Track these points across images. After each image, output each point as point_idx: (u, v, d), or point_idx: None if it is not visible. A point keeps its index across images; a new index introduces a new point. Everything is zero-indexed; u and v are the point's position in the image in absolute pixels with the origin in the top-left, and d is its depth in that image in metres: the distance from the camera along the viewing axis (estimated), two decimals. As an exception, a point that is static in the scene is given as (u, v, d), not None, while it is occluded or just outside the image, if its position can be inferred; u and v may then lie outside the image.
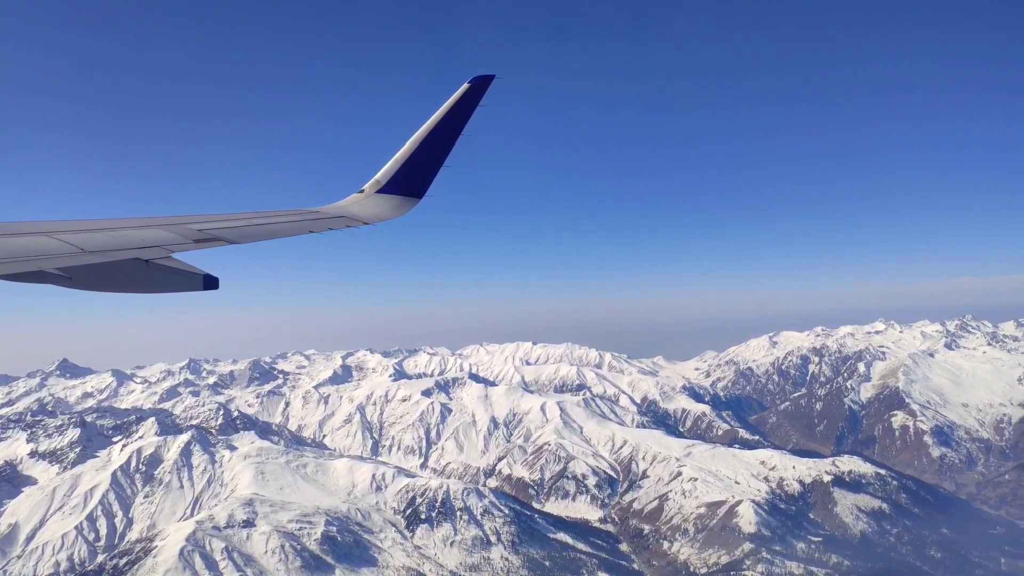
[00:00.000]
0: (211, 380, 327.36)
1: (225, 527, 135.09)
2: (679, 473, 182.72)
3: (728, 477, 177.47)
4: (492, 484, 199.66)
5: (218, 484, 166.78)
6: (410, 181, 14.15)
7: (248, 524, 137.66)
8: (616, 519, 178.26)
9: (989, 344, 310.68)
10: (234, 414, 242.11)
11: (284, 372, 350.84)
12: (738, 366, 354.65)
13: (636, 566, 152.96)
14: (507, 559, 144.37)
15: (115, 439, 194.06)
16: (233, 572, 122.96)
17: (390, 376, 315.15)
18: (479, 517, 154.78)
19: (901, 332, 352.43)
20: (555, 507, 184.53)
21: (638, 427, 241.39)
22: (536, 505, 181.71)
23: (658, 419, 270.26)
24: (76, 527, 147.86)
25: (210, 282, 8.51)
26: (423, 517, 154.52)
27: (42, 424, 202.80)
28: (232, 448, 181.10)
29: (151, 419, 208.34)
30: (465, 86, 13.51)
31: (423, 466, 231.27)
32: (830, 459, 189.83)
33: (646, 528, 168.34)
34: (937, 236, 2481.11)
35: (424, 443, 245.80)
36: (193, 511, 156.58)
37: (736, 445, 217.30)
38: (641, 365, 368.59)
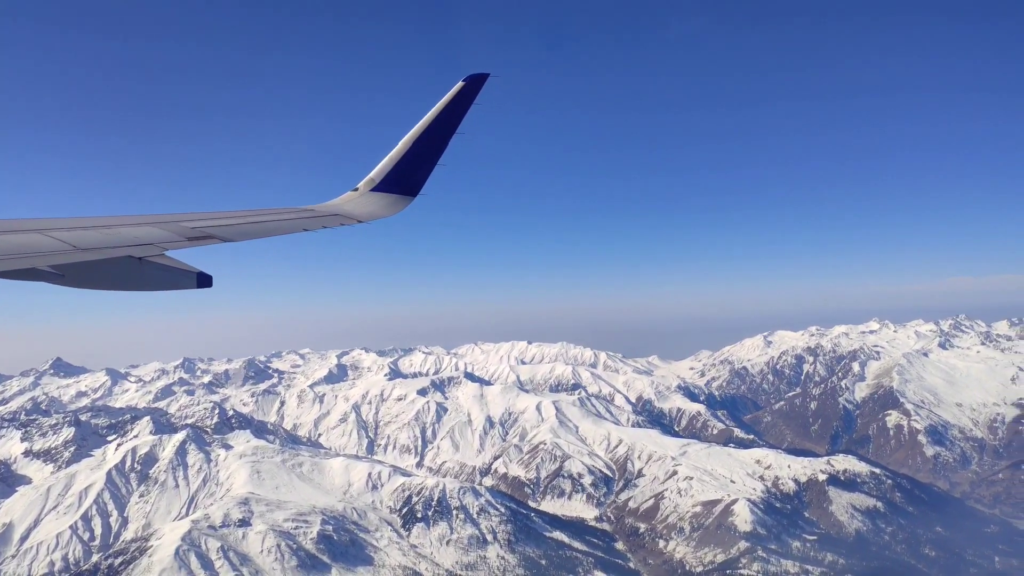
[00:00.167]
0: (206, 379, 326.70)
1: (221, 526, 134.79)
2: (675, 472, 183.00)
3: (724, 476, 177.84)
4: (488, 483, 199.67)
5: (213, 483, 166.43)
6: (404, 179, 14.13)
7: (244, 523, 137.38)
8: (612, 518, 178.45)
9: (983, 344, 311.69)
10: (229, 413, 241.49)
11: (279, 371, 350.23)
12: (733, 365, 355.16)
13: (632, 565, 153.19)
14: (503, 558, 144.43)
15: (110, 438, 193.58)
16: (229, 571, 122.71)
17: (385, 375, 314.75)
18: (475, 516, 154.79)
19: (895, 332, 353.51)
20: (551, 506, 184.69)
21: (633, 426, 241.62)
22: (532, 504, 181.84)
23: (653, 418, 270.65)
24: (71, 527, 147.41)
25: (204, 280, 8.53)
26: (419, 516, 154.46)
27: (36, 423, 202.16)
28: (227, 447, 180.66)
29: (146, 418, 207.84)
30: (459, 84, 13.44)
31: (419, 465, 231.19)
32: (825, 458, 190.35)
33: (642, 527, 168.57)
34: (930, 236, 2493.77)
35: (420, 442, 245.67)
36: (188, 510, 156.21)
37: (731, 444, 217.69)
38: (636, 364, 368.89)
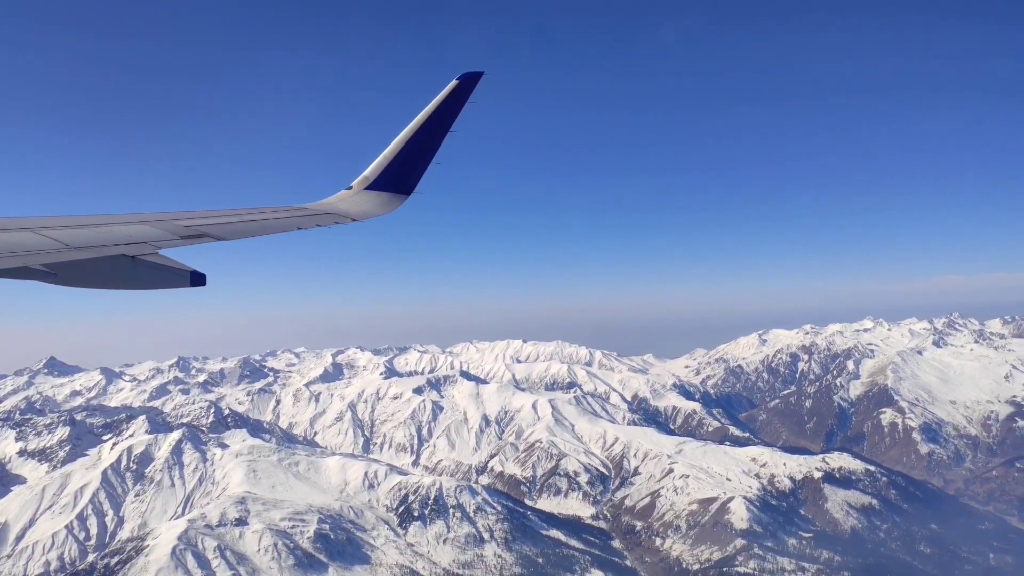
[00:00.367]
0: (201, 378, 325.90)
1: (217, 525, 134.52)
2: (671, 470, 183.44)
3: (719, 474, 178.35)
4: (484, 481, 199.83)
5: (210, 482, 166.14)
6: (398, 178, 14.12)
7: (240, 522, 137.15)
8: (608, 516, 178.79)
9: (976, 342, 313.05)
10: (225, 412, 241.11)
11: (274, 370, 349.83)
12: (728, 364, 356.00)
13: (629, 563, 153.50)
14: (500, 556, 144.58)
15: (105, 437, 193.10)
16: (226, 571, 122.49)
17: (381, 374, 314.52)
18: (472, 514, 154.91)
19: (889, 330, 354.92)
20: (547, 504, 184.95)
21: (629, 424, 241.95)
22: (528, 502, 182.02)
23: (649, 417, 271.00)
24: (66, 526, 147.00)
25: (197, 279, 8.52)
26: (416, 515, 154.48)
27: (31, 422, 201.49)
28: (223, 446, 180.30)
29: (141, 417, 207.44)
30: (453, 83, 13.43)
31: (415, 464, 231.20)
32: (820, 456, 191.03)
33: (638, 525, 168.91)
34: (923, 235, 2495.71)
35: (416, 441, 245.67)
36: (185, 510, 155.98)
37: (727, 442, 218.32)
38: (631, 363, 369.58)
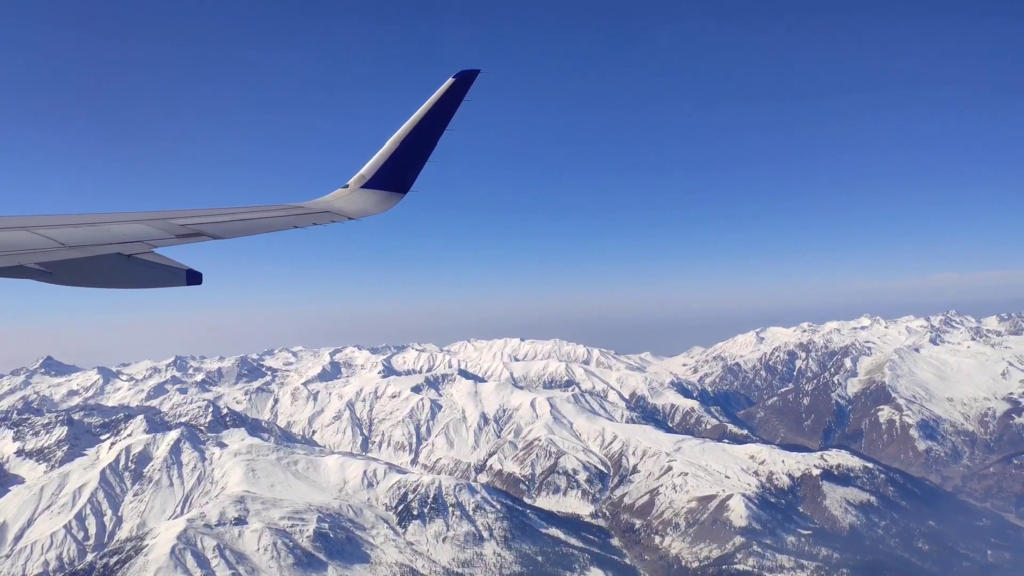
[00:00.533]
0: (198, 377, 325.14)
1: (216, 525, 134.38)
2: (669, 468, 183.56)
3: (718, 471, 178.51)
4: (483, 480, 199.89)
5: (208, 481, 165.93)
6: (395, 176, 14.03)
7: (240, 522, 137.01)
8: (607, 514, 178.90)
9: (973, 339, 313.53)
10: (223, 411, 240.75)
11: (272, 369, 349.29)
12: (725, 362, 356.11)
13: (628, 561, 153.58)
14: (500, 555, 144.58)
15: (103, 437, 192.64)
16: (225, 570, 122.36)
17: (379, 372, 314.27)
18: (471, 513, 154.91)
19: (886, 327, 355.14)
20: (546, 502, 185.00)
21: (627, 422, 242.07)
22: (527, 500, 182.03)
23: (647, 414, 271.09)
24: (65, 526, 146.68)
25: (193, 277, 8.50)
26: (415, 513, 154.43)
27: (28, 422, 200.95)
28: (222, 445, 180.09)
29: (139, 417, 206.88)
30: (450, 81, 13.30)
31: (413, 462, 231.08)
32: (818, 453, 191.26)
33: (637, 523, 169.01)
34: (920, 233, 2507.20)
35: (414, 439, 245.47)
36: (183, 509, 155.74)
37: (725, 440, 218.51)
38: (629, 361, 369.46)
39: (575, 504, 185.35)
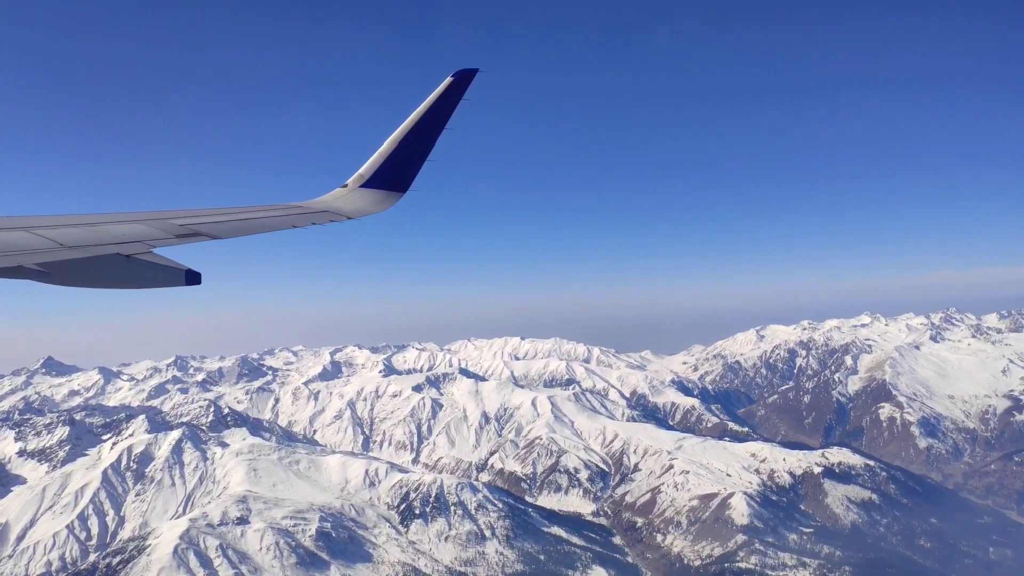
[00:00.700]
0: (199, 377, 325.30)
1: (219, 524, 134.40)
2: (671, 466, 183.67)
3: (720, 470, 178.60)
4: (484, 478, 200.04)
5: (210, 481, 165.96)
6: (393, 175, 14.06)
7: (242, 521, 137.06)
8: (609, 512, 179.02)
9: (973, 336, 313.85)
10: (224, 411, 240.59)
11: (272, 368, 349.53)
12: (726, 360, 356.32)
13: (630, 559, 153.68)
14: (502, 553, 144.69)
15: (105, 437, 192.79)
16: (228, 570, 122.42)
17: (380, 372, 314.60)
18: (473, 512, 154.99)
19: (887, 325, 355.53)
20: (548, 501, 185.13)
21: (628, 421, 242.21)
22: (529, 499, 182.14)
23: (648, 413, 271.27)
24: (67, 526, 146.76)
25: (192, 277, 8.47)
26: (417, 512, 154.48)
27: (30, 422, 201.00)
28: (224, 445, 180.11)
29: (141, 417, 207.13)
30: (448, 80, 13.35)
31: (415, 461, 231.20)
32: (820, 451, 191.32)
33: (639, 521, 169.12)
34: (919, 230, 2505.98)
35: (415, 438, 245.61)
36: (186, 509, 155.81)
37: (726, 438, 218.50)
38: (629, 359, 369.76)
39: (577, 503, 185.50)
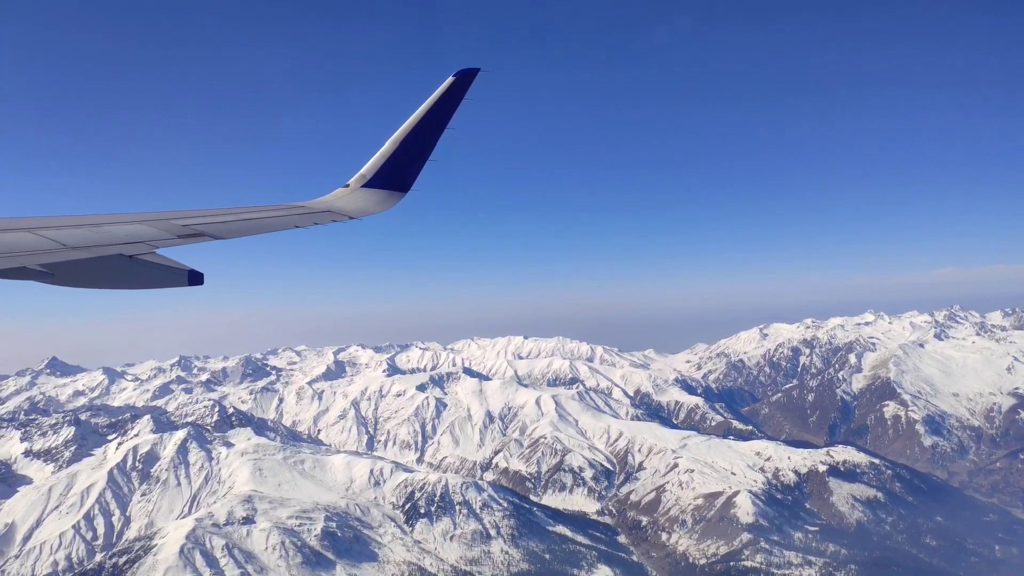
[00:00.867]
0: (203, 377, 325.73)
1: (225, 524, 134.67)
2: (675, 465, 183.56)
3: (724, 468, 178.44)
4: (489, 478, 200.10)
5: (216, 481, 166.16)
6: (395, 175, 14.05)
7: (248, 521, 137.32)
8: (614, 511, 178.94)
9: (978, 334, 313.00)
10: (229, 411, 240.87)
11: (276, 368, 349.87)
12: (729, 358, 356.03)
13: (635, 558, 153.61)
14: (507, 552, 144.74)
15: (110, 437, 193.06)
16: (234, 569, 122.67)
17: (384, 371, 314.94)
18: (478, 511, 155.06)
19: (891, 323, 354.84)
20: (552, 500, 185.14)
21: (632, 419, 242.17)
22: (534, 498, 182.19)
23: (652, 411, 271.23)
24: (73, 526, 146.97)
25: (195, 278, 8.49)
26: (422, 511, 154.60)
27: (36, 423, 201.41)
28: (228, 445, 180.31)
29: (146, 417, 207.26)
30: (450, 80, 13.31)
31: (419, 460, 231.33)
32: (824, 449, 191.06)
33: (644, 520, 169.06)
34: (922, 228, 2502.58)
35: (420, 438, 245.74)
36: (191, 509, 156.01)
37: (730, 436, 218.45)
38: (633, 358, 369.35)
39: (581, 502, 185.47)
